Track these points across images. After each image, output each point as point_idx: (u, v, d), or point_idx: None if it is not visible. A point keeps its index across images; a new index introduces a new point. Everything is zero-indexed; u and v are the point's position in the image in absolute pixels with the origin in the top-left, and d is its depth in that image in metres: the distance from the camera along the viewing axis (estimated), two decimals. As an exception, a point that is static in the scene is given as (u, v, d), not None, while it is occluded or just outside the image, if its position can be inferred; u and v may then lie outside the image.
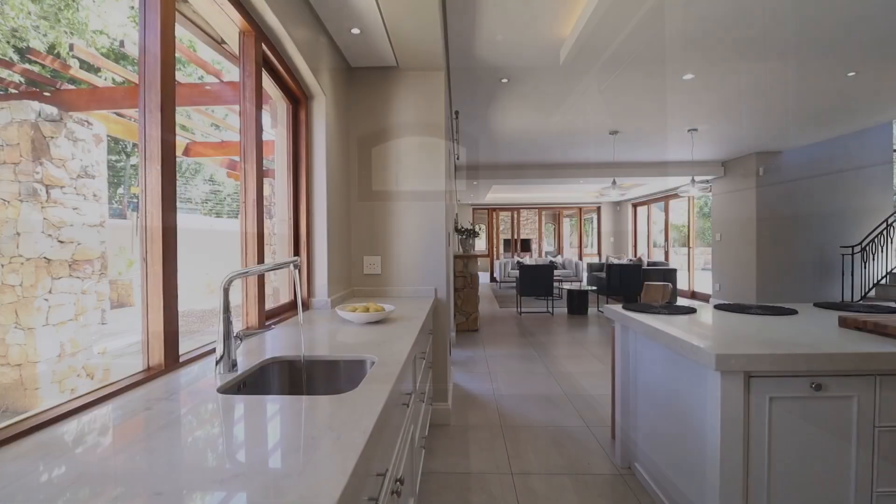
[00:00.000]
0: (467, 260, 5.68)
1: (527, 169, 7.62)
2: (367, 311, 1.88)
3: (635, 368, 2.15)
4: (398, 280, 2.78)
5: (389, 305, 2.00)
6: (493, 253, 13.62)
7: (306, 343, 1.50)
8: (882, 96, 4.10)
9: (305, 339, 1.54)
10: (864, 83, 3.73)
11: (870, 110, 4.56)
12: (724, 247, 7.59)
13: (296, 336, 1.63)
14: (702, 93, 3.94)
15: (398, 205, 2.77)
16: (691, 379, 1.60)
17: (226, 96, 3.20)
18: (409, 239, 2.77)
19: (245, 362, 1.25)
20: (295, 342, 1.53)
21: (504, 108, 4.36)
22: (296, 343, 1.51)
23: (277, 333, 1.67)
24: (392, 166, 2.77)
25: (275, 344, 1.49)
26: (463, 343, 5.03)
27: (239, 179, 1.73)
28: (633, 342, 2.16)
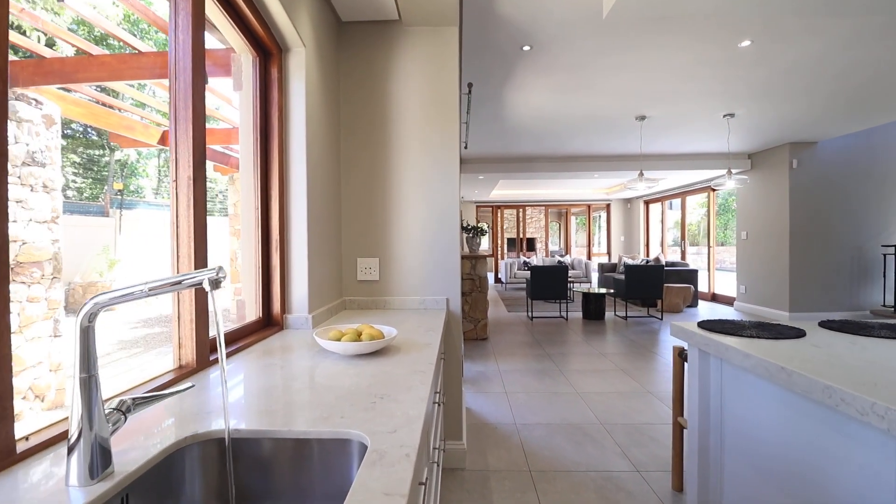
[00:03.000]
0: (475, 261, 5.13)
1: (539, 161, 7.06)
2: (358, 336, 1.33)
3: (721, 410, 1.60)
4: (400, 288, 2.23)
5: (389, 328, 1.45)
6: (498, 253, 13.07)
7: (255, 398, 0.94)
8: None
9: (254, 392, 0.99)
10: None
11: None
12: (751, 246, 7.03)
13: (258, 378, 1.08)
14: (752, 67, 3.38)
15: (401, 195, 2.22)
16: (851, 449, 1.05)
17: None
18: (415, 236, 2.22)
19: (140, 447, 0.70)
20: (255, 390, 0.98)
21: (521, 86, 3.80)
22: (255, 393, 0.96)
23: (232, 372, 1.12)
24: (393, 147, 2.22)
25: (213, 398, 0.94)
26: (472, 354, 4.47)
27: (169, 145, 1.17)
28: (718, 374, 1.61)
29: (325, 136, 2.00)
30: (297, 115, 1.74)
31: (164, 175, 6.94)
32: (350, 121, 2.23)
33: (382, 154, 2.23)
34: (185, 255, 1.16)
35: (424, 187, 2.22)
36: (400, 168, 2.22)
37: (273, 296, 1.71)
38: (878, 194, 6.21)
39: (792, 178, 6.19)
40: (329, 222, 2.04)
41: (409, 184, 2.22)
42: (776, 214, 6.44)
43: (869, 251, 6.20)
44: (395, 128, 2.22)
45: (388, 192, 2.23)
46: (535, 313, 7.01)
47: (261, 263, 1.67)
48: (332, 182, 2.10)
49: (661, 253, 10.82)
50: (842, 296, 6.22)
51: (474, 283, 5.12)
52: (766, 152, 6.60)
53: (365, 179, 2.23)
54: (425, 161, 2.22)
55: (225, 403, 0.86)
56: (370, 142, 2.23)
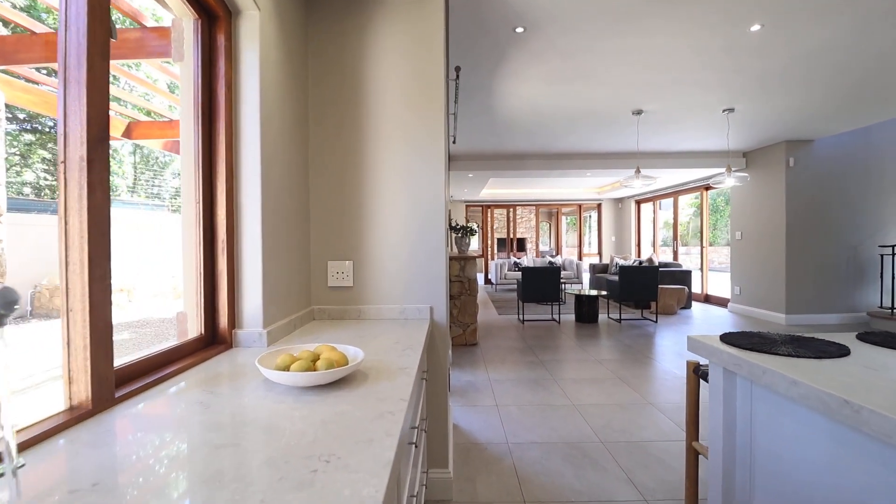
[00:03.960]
0: (464, 262, 4.87)
1: (531, 159, 6.82)
2: (313, 362, 1.06)
3: (750, 442, 1.36)
4: (377, 295, 1.95)
5: (355, 349, 1.18)
6: (488, 253, 12.83)
7: (125, 476, 0.66)
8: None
9: (131, 462, 0.71)
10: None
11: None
12: (746, 246, 6.87)
13: (159, 429, 0.80)
14: (757, 55, 3.17)
15: (378, 190, 1.94)
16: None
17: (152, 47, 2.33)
18: (395, 237, 1.95)
19: None
20: (136, 458, 0.70)
21: (514, 74, 3.54)
22: (131, 464, 0.68)
23: (128, 419, 0.84)
24: (370, 136, 1.95)
25: (90, 467, 0.66)
26: (461, 362, 4.21)
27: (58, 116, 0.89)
28: (747, 398, 1.36)
29: (288, 120, 1.72)
30: (249, 93, 1.46)
31: (139, 171, 6.63)
32: (320, 105, 1.95)
33: (357, 143, 1.95)
34: (77, 263, 0.88)
35: (406, 181, 1.95)
36: (377, 160, 1.95)
37: (219, 308, 1.42)
38: (874, 193, 6.08)
39: (788, 177, 6.04)
40: (293, 220, 1.76)
41: (387, 177, 1.95)
42: (772, 214, 6.29)
43: (865, 251, 6.07)
44: (372, 114, 1.95)
45: (364, 187, 1.95)
46: (526, 316, 6.78)
47: (203, 268, 1.39)
48: (297, 173, 1.81)
49: (653, 253, 10.67)
50: (838, 297, 6.08)
51: (463, 285, 4.86)
52: (761, 150, 6.45)
53: (337, 172, 1.95)
54: (406, 152, 1.95)
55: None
56: (343, 129, 1.95)
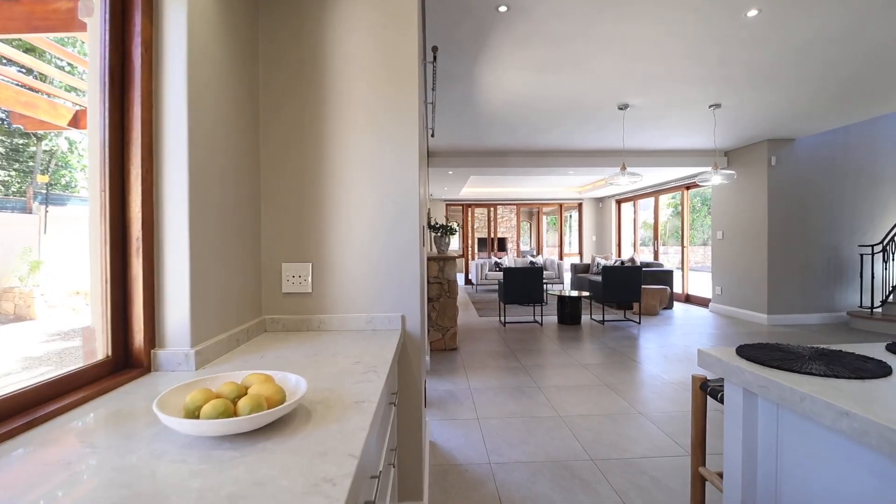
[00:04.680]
0: (444, 262, 4.63)
1: (512, 156, 6.62)
2: (235, 399, 0.80)
3: (776, 474, 1.15)
4: (341, 303, 1.69)
5: (297, 378, 0.92)
6: (468, 253, 12.62)
7: None
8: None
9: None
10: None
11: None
12: (727, 246, 6.83)
13: None
14: (750, 46, 3.03)
15: (342, 182, 1.68)
16: None
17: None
18: (361, 236, 1.69)
19: None
20: None
21: (496, 61, 3.32)
22: None
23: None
24: (332, 119, 1.68)
25: None
26: (440, 369, 3.96)
27: None
28: (772, 424, 1.16)
29: (229, 98, 1.44)
30: (174, 57, 1.18)
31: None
32: (272, 82, 1.67)
33: (319, 131, 1.68)
34: None
35: (375, 174, 1.69)
36: (342, 149, 1.68)
37: (132, 322, 1.14)
38: (852, 193, 6.10)
39: (770, 176, 6.00)
40: (237, 214, 1.48)
41: (354, 169, 1.68)
42: (754, 214, 6.24)
43: (844, 251, 6.08)
44: (335, 100, 1.68)
45: (326, 179, 1.68)
46: (508, 318, 6.58)
47: (111, 273, 1.10)
48: (244, 160, 1.53)
49: (634, 253, 10.64)
50: (819, 297, 6.07)
51: (442, 287, 4.61)
52: (743, 149, 6.40)
53: (295, 161, 1.68)
54: (375, 141, 1.69)
55: None
56: (303, 115, 1.67)
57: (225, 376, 0.93)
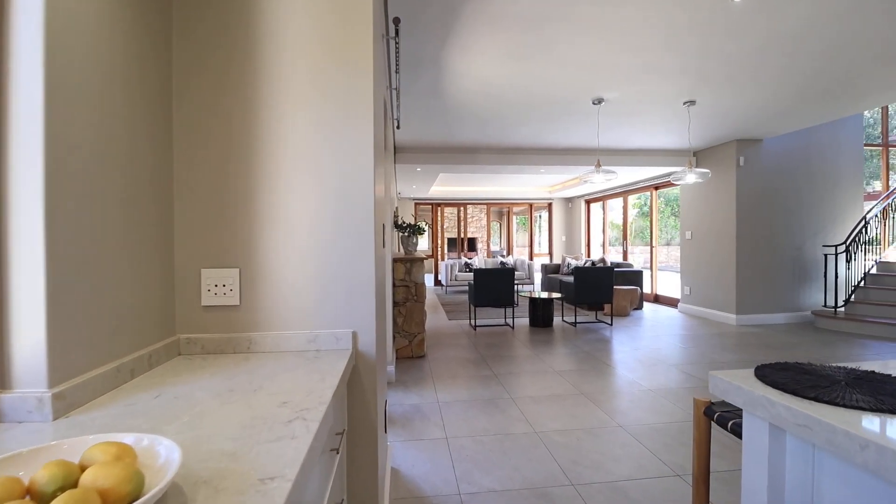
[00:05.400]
0: (411, 264, 4.33)
1: (482, 153, 6.39)
2: (51, 494, 0.48)
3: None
4: (277, 317, 1.37)
5: (168, 447, 0.62)
6: (438, 253, 12.35)
7: None
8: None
9: None
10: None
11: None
12: (695, 246, 6.83)
13: None
14: (732, 35, 2.89)
15: (279, 171, 1.36)
16: None
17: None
18: (304, 236, 1.38)
19: None
20: None
21: (466, 47, 3.05)
22: None
23: None
24: (266, 96, 1.36)
25: None
26: (406, 379, 3.66)
27: None
28: (805, 465, 0.93)
29: (123, 53, 1.10)
30: None
31: None
32: (189, 50, 1.34)
33: (249, 110, 1.36)
34: None
35: (317, 163, 1.38)
36: (278, 134, 1.36)
37: (-52, 359, 0.80)
38: (816, 194, 6.19)
39: (739, 177, 6.00)
40: (134, 205, 1.14)
41: (293, 156, 1.37)
42: (722, 214, 6.25)
43: (808, 251, 6.17)
44: (270, 75, 1.36)
45: (258, 168, 1.36)
46: (478, 321, 6.34)
47: None
48: (145, 139, 1.20)
49: (604, 253, 10.65)
50: (785, 297, 6.13)
51: (409, 290, 4.32)
52: (712, 149, 6.40)
53: (218, 144, 1.35)
54: (319, 125, 1.38)
55: None
56: (227, 90, 1.35)
57: (92, 439, 0.61)
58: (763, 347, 4.71)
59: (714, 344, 4.89)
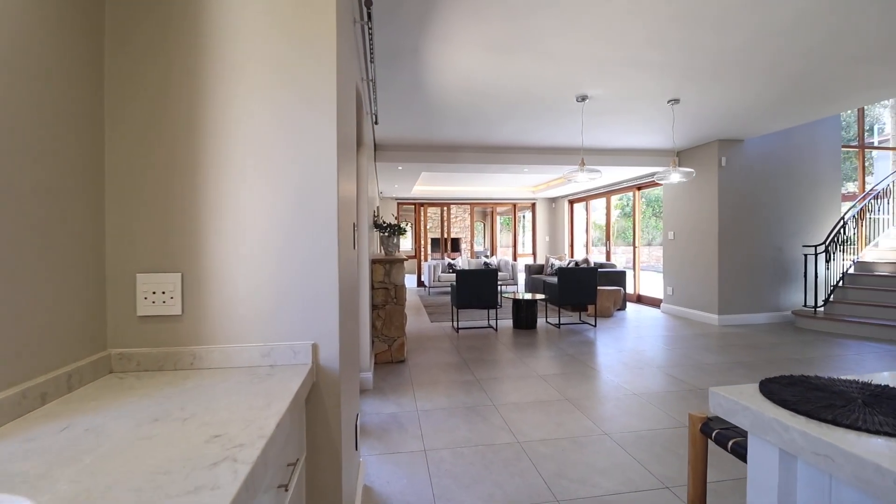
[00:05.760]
0: (390, 265, 4.17)
1: (465, 151, 6.25)
2: None
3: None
4: (225, 329, 1.21)
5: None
6: (421, 254, 12.19)
7: None
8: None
9: None
10: None
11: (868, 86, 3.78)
12: (678, 246, 6.82)
13: None
14: (721, 29, 2.81)
15: (229, 162, 1.20)
16: None
17: None
18: (257, 238, 1.22)
19: None
20: None
21: (446, 38, 2.92)
22: None
23: None
24: (213, 77, 1.20)
25: None
26: (384, 386, 3.51)
27: None
28: (821, 496, 0.82)
29: (36, 20, 0.92)
30: None
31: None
32: (124, 18, 1.16)
33: (194, 92, 1.19)
34: None
35: (274, 157, 1.22)
36: (228, 120, 1.20)
37: None
38: (796, 194, 6.23)
39: (721, 177, 6.00)
40: (55, 201, 0.97)
41: (245, 150, 1.21)
42: (704, 214, 6.24)
43: (789, 251, 6.20)
44: (219, 50, 1.20)
45: (205, 160, 1.20)
46: (461, 323, 6.21)
47: None
48: (68, 125, 1.02)
49: (587, 254, 10.64)
50: (766, 297, 6.15)
51: (388, 292, 4.16)
52: (695, 149, 6.39)
53: (159, 135, 1.18)
54: (276, 113, 1.22)
55: None
56: (171, 70, 1.18)
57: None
58: (746, 348, 4.68)
59: (698, 345, 4.85)
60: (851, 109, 5.35)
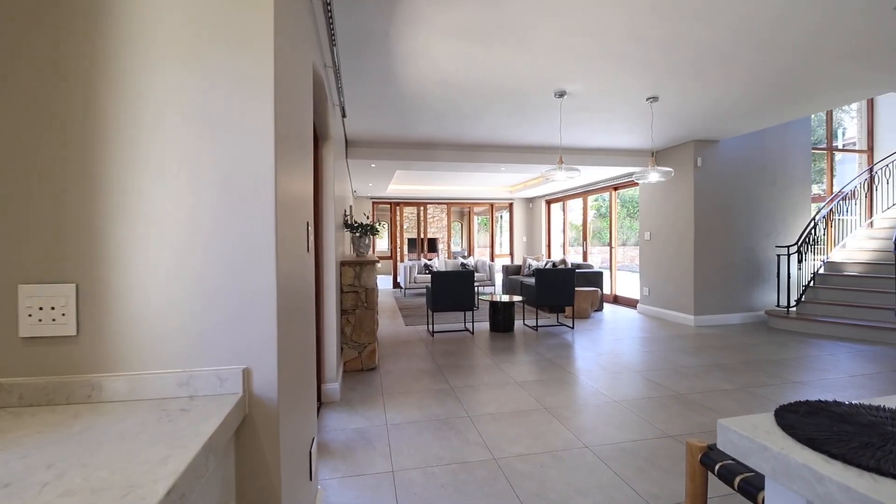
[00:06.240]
0: (361, 267, 3.94)
1: (440, 149, 6.06)
2: None
3: None
4: (132, 353, 0.98)
5: None
6: (397, 254, 11.94)
7: None
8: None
9: None
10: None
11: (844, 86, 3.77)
12: (654, 247, 6.80)
13: None
14: (705, 21, 2.71)
15: (141, 155, 0.98)
16: None
17: None
18: (173, 241, 1.00)
19: None
20: None
21: (418, 23, 2.72)
22: None
23: None
24: (121, 56, 0.97)
25: None
26: (352, 398, 3.28)
27: None
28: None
29: None
30: None
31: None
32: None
33: (96, 66, 0.96)
34: None
35: (196, 145, 1.00)
36: (137, 94, 0.98)
37: None
38: (768, 195, 6.28)
39: (697, 177, 5.99)
40: None
41: (158, 130, 0.99)
42: (681, 215, 6.22)
43: (761, 252, 6.24)
44: (129, 16, 0.97)
45: (106, 144, 0.97)
46: (436, 326, 6.02)
47: None
48: None
49: (564, 254, 10.60)
50: (740, 297, 6.17)
51: (359, 296, 3.93)
52: (671, 150, 6.37)
53: (46, 112, 0.94)
54: (198, 95, 1.00)
55: None
56: (62, 32, 0.95)
57: None
58: (723, 350, 4.65)
59: (675, 347, 4.79)
60: (830, 109, 5.40)
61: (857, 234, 6.83)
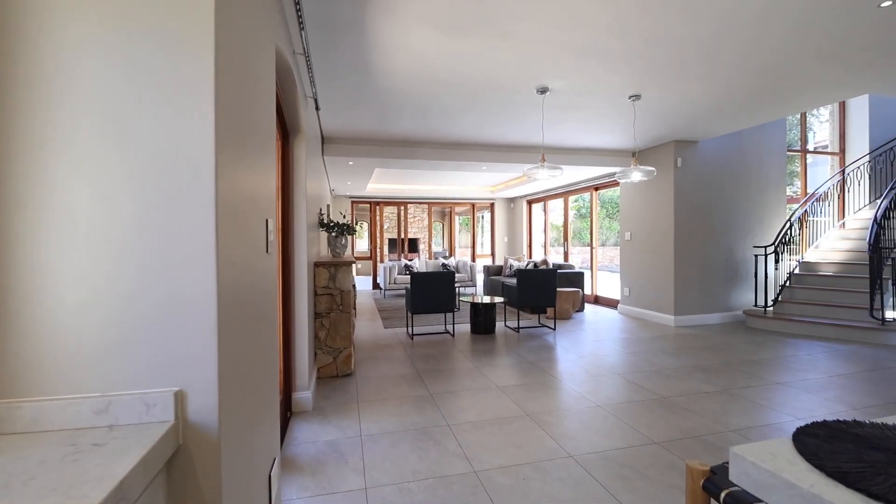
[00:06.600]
0: (336, 269, 3.77)
1: (421, 147, 5.91)
2: None
3: None
4: (35, 374, 0.82)
5: None
6: (377, 255, 11.73)
7: None
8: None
9: None
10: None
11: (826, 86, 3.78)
12: (635, 247, 6.79)
13: None
14: (690, 14, 2.64)
15: (54, 133, 0.81)
16: None
17: None
18: (89, 236, 0.83)
19: None
20: None
21: (395, 11, 2.57)
22: None
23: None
24: (30, 23, 0.80)
25: None
26: (325, 406, 3.11)
27: None
28: None
29: None
30: None
31: None
32: None
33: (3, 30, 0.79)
34: None
35: (122, 125, 0.84)
36: (48, 62, 0.81)
37: None
38: (746, 196, 6.33)
39: (677, 178, 5.99)
40: None
41: (81, 115, 0.83)
42: (661, 215, 6.22)
43: (739, 252, 6.29)
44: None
45: (10, 122, 0.80)
46: (416, 329, 5.87)
47: None
48: None
49: (546, 254, 10.58)
50: (718, 297, 6.21)
51: (334, 299, 3.75)
52: (651, 150, 6.36)
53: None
54: (126, 67, 0.85)
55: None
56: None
57: None
58: (703, 350, 4.63)
59: (656, 348, 4.76)
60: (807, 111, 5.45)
61: (830, 234, 6.96)
